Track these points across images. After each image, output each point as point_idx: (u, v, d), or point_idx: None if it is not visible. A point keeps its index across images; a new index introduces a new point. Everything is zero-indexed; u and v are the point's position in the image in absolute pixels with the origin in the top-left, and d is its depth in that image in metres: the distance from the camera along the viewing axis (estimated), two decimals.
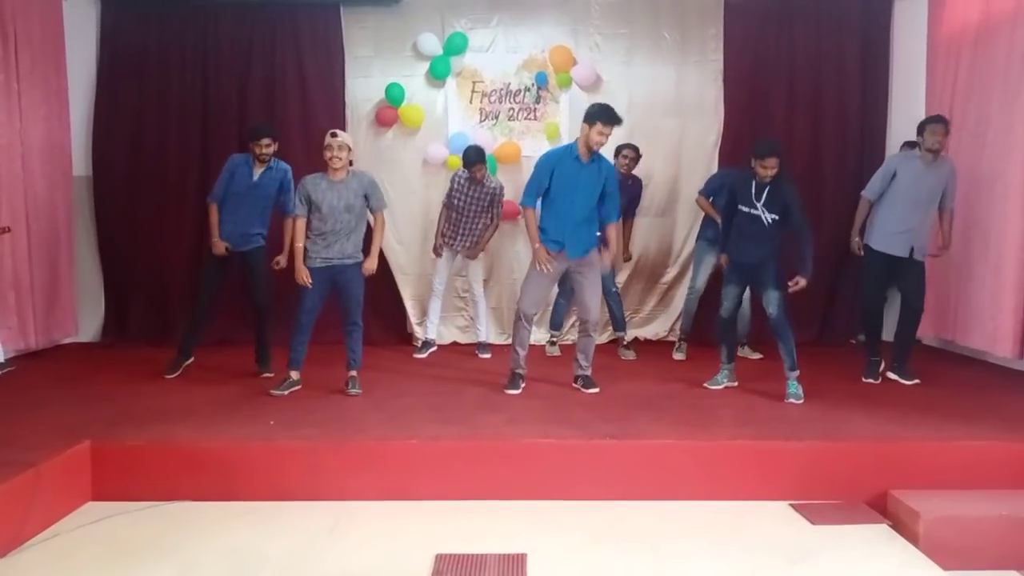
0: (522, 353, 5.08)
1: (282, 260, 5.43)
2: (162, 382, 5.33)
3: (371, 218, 5.02)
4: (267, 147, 5.33)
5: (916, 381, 5.27)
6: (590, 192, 4.87)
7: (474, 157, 6.04)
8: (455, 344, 6.92)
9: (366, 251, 4.99)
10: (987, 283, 5.68)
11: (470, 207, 6.17)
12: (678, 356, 6.30)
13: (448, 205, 6.28)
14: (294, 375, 5.00)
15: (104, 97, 6.81)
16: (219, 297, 5.64)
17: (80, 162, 6.78)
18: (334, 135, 4.83)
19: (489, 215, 6.23)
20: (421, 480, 3.95)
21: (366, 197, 4.91)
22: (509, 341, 6.73)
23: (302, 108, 6.85)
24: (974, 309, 5.78)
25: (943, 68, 6.43)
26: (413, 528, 3.62)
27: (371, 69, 6.85)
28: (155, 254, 6.81)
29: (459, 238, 6.25)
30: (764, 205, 4.87)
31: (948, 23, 6.37)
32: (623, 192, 6.19)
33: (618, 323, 6.45)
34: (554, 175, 4.86)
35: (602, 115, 4.73)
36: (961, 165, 5.52)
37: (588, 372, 5.14)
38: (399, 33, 6.83)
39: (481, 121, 6.91)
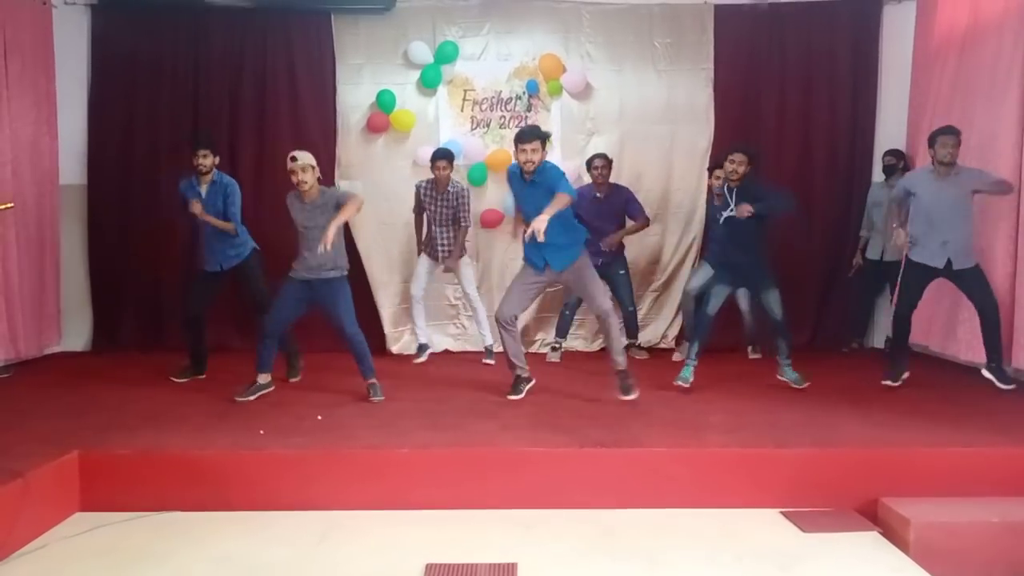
0: (515, 360, 5.08)
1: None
2: (153, 390, 5.29)
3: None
4: (203, 158, 5.22)
5: (1012, 387, 5.11)
6: (542, 204, 4.71)
7: (439, 153, 6.11)
8: (447, 352, 6.90)
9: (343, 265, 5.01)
10: None
11: (439, 214, 6.21)
12: (678, 357, 6.32)
13: (418, 212, 6.33)
14: (262, 379, 4.98)
15: (97, 104, 6.79)
16: (208, 310, 5.64)
17: (70, 170, 6.75)
18: (294, 159, 4.70)
19: (459, 220, 6.27)
20: (412, 489, 3.94)
21: (338, 206, 4.79)
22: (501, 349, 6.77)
23: (293, 115, 6.85)
24: (956, 316, 5.78)
25: (927, 74, 6.46)
26: (404, 537, 3.61)
27: (362, 76, 6.85)
28: (147, 261, 6.79)
29: (437, 246, 6.28)
30: (734, 208, 5.09)
31: (935, 29, 6.40)
32: (606, 205, 6.23)
33: (631, 333, 6.59)
34: (516, 194, 5.05)
35: (515, 136, 4.81)
36: None
37: (623, 367, 4.96)
38: (390, 41, 6.82)
39: (472, 129, 6.91)
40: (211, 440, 4.15)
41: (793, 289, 6.43)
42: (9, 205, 5.49)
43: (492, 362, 6.26)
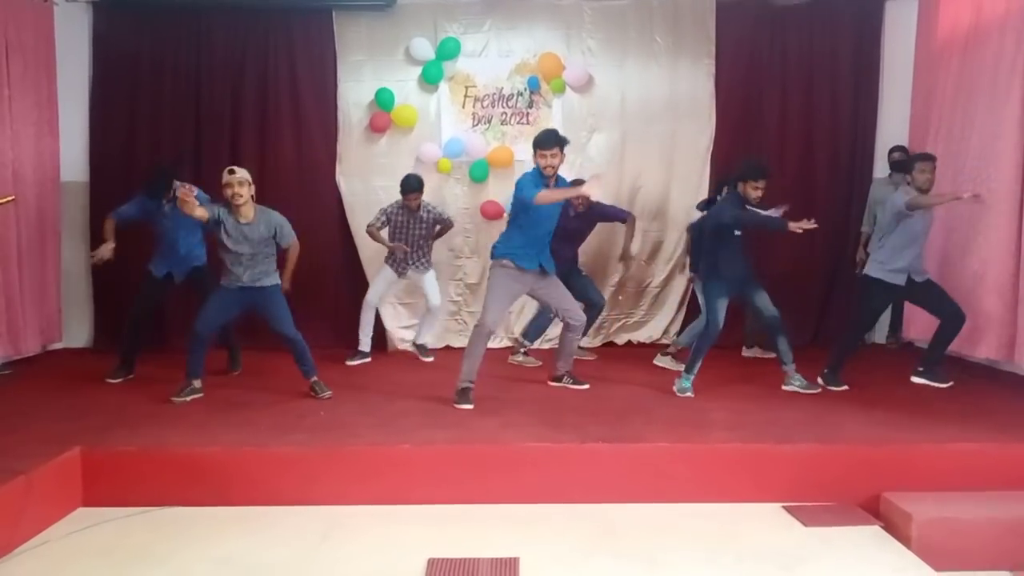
0: (476, 366, 4.91)
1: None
2: (154, 387, 5.28)
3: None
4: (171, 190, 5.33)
5: (950, 383, 5.21)
6: (560, 211, 5.01)
7: (413, 186, 6.04)
8: (448, 348, 6.89)
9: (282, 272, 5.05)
10: (970, 287, 5.69)
11: (413, 234, 6.17)
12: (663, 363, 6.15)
13: (378, 228, 6.15)
14: (196, 383, 4.97)
15: (99, 103, 6.80)
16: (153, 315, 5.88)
17: (72, 168, 6.76)
18: (232, 172, 4.72)
19: (434, 237, 6.33)
20: (414, 485, 3.95)
21: (275, 236, 4.87)
22: (501, 345, 6.77)
23: (295, 112, 6.85)
24: None
25: (931, 72, 6.46)
26: (406, 533, 3.62)
27: (363, 73, 6.85)
28: (148, 259, 6.76)
29: (409, 264, 6.22)
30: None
31: (938, 29, 6.40)
32: (584, 219, 6.13)
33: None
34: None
35: (535, 142, 4.81)
36: (944, 169, 5.56)
37: (571, 367, 5.33)
38: (392, 37, 6.83)
39: (474, 126, 6.91)
40: (212, 437, 4.16)
41: (795, 287, 6.47)
42: (10, 198, 5.50)
43: (431, 359, 6.42)
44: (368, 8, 6.78)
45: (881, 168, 6.79)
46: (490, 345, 6.57)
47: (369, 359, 6.34)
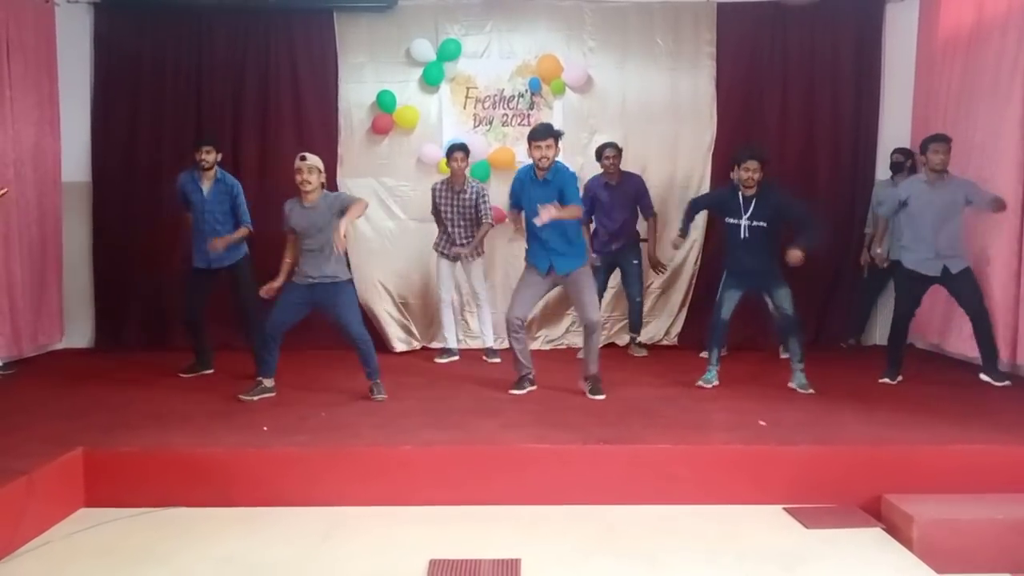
0: (523, 360, 5.12)
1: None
2: (156, 388, 5.31)
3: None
4: (207, 154, 5.38)
5: (1007, 383, 5.20)
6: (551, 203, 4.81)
7: (456, 145, 6.12)
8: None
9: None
10: None
11: (457, 215, 6.16)
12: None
13: (436, 213, 6.27)
14: (267, 383, 4.99)
15: (100, 103, 6.81)
16: (205, 309, 5.71)
17: (74, 168, 6.77)
18: (303, 158, 4.75)
19: (479, 217, 6.24)
20: (415, 486, 3.95)
21: (341, 211, 4.80)
22: (506, 345, 6.76)
23: (296, 113, 6.86)
24: (959, 313, 5.79)
25: (931, 73, 6.47)
26: (407, 534, 3.62)
27: (364, 75, 6.85)
28: (151, 259, 6.78)
29: (457, 245, 6.22)
30: (750, 216, 5.06)
31: (938, 29, 6.41)
32: (619, 193, 6.21)
33: (634, 327, 6.64)
34: (523, 196, 5.00)
35: (529, 134, 4.88)
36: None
37: (594, 371, 5.10)
38: (393, 39, 6.83)
39: (475, 127, 6.91)
40: (215, 438, 4.16)
41: (796, 288, 6.41)
42: (3, 191, 5.49)
43: (497, 360, 6.25)
44: (369, 9, 6.78)
45: (884, 170, 6.78)
46: (495, 346, 6.67)
47: (457, 356, 6.41)
